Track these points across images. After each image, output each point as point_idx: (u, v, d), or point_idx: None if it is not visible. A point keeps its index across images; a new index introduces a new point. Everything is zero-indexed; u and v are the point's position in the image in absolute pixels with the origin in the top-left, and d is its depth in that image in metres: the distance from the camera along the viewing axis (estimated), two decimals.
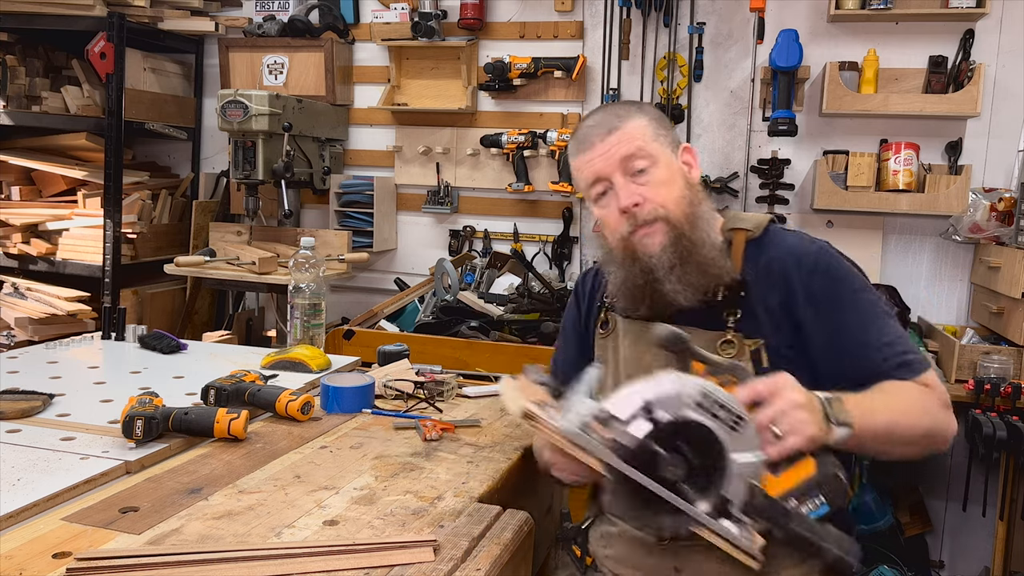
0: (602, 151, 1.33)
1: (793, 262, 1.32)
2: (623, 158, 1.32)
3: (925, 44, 2.93)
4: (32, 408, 1.48)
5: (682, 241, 1.30)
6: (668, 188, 1.32)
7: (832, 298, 1.30)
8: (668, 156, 1.35)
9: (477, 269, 3.19)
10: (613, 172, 1.33)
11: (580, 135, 1.38)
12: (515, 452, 1.45)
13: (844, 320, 1.29)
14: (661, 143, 1.35)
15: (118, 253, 3.24)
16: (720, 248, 1.34)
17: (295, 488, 1.22)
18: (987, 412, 2.42)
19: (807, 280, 1.30)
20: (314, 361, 1.85)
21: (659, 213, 1.31)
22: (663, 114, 1.42)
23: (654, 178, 1.32)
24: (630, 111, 1.37)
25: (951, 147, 2.92)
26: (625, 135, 1.33)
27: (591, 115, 1.41)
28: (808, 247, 1.34)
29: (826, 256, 1.33)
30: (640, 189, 1.31)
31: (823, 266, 1.31)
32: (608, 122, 1.35)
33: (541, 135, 3.25)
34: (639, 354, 1.37)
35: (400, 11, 3.40)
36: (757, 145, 3.13)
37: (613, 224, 1.35)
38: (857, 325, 1.29)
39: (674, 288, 1.29)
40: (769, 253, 1.35)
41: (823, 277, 1.31)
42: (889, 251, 3.06)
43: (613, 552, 1.36)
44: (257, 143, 3.03)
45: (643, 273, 1.31)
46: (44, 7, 3.25)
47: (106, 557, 0.96)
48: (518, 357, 2.55)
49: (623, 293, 1.37)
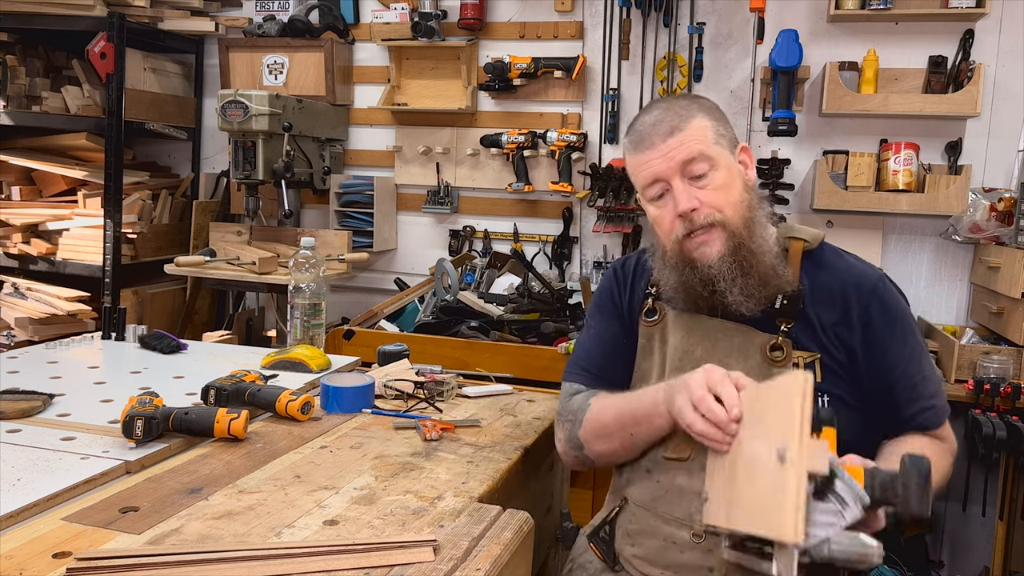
0: (662, 152, 1.30)
1: (853, 285, 1.33)
2: (683, 161, 1.29)
3: (925, 44, 2.93)
4: (32, 408, 1.48)
5: (741, 250, 1.29)
6: (727, 192, 1.30)
7: (884, 329, 1.31)
8: (728, 158, 1.33)
9: (477, 269, 3.19)
10: (673, 176, 1.30)
11: (639, 132, 1.35)
12: (515, 452, 1.45)
13: (889, 353, 1.31)
14: (722, 145, 1.32)
15: (118, 253, 3.24)
16: (779, 255, 1.33)
17: (295, 488, 1.23)
18: (987, 412, 2.42)
19: (865, 305, 1.31)
20: (314, 361, 1.85)
21: (716, 218, 1.29)
22: (721, 111, 1.39)
23: (713, 182, 1.30)
24: (691, 110, 1.33)
25: (951, 147, 2.92)
26: (687, 137, 1.30)
27: (650, 110, 1.37)
28: (869, 273, 1.35)
29: (883, 286, 1.34)
30: (698, 193, 1.29)
31: (880, 295, 1.32)
32: (669, 121, 1.31)
33: (541, 135, 3.25)
34: (690, 346, 1.36)
35: (400, 11, 3.40)
36: (757, 145, 3.13)
37: (667, 226, 1.33)
38: (898, 360, 1.31)
39: (736, 300, 1.29)
40: (828, 270, 1.35)
41: (879, 306, 1.32)
42: (889, 251, 3.06)
43: (642, 551, 1.33)
44: (257, 143, 3.03)
45: (703, 283, 1.30)
46: (44, 7, 3.25)
47: (106, 557, 0.97)
48: (518, 357, 2.55)
49: (679, 296, 1.35)
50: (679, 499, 1.29)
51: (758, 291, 1.29)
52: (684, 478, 1.29)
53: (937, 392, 1.33)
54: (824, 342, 1.31)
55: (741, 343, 1.33)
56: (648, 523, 1.33)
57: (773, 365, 1.30)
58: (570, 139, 3.21)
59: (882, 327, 1.31)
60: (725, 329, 1.35)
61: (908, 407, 1.31)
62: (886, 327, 1.31)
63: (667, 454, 1.31)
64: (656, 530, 1.31)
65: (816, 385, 1.23)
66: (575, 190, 3.26)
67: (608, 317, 1.49)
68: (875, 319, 1.31)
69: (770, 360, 1.30)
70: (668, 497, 1.31)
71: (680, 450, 1.30)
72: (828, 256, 1.38)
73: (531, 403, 1.78)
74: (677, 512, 1.29)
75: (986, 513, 2.74)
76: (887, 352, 1.31)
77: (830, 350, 1.31)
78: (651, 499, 1.33)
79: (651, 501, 1.33)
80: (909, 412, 1.31)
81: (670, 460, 1.31)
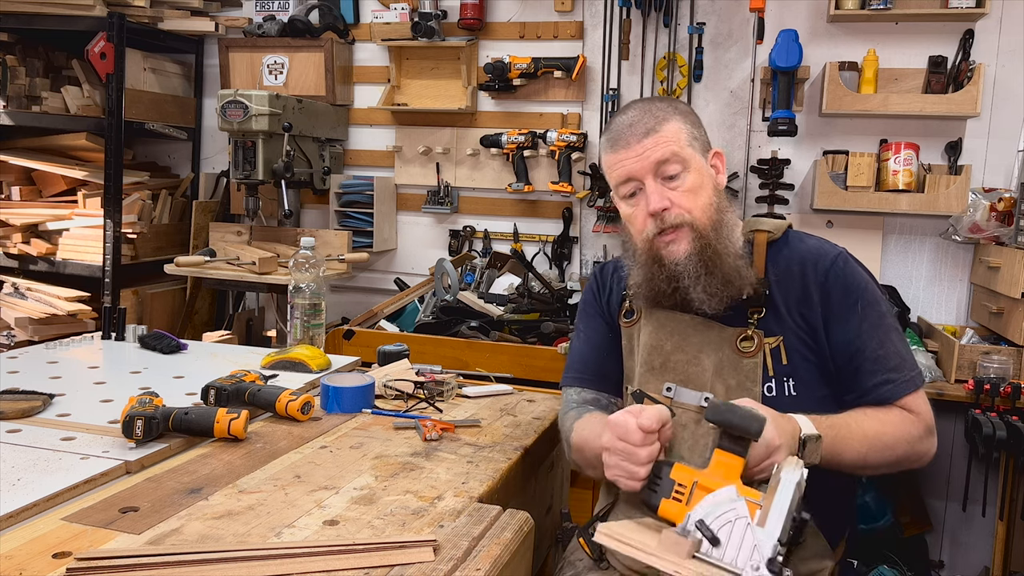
0: (637, 152, 1.34)
1: (811, 263, 1.37)
2: (657, 162, 1.33)
3: (925, 44, 2.93)
4: (32, 408, 1.48)
5: (707, 251, 1.33)
6: (697, 195, 1.34)
7: (843, 304, 1.35)
8: (700, 161, 1.37)
9: (477, 269, 3.19)
10: (646, 175, 1.34)
11: (615, 131, 1.38)
12: (515, 452, 1.45)
13: (849, 327, 1.34)
14: (694, 148, 1.36)
15: (118, 253, 3.24)
16: (743, 255, 1.37)
17: (295, 488, 1.23)
18: (987, 412, 2.41)
19: (822, 282, 1.35)
20: (314, 361, 1.85)
21: (685, 219, 1.33)
22: (697, 115, 1.44)
23: (685, 183, 1.34)
24: (667, 112, 1.37)
25: (951, 147, 2.92)
26: (661, 139, 1.34)
27: (627, 111, 1.41)
28: (828, 250, 1.39)
29: (842, 261, 1.37)
30: (670, 194, 1.34)
31: (838, 270, 1.36)
32: (645, 123, 1.35)
33: (541, 135, 3.25)
34: (659, 341, 1.41)
35: (400, 11, 3.40)
36: (757, 145, 3.13)
37: (639, 224, 1.37)
38: (858, 334, 1.34)
39: (699, 298, 1.33)
40: (790, 253, 1.40)
41: (837, 280, 1.35)
42: (889, 251, 3.06)
43: None
44: (257, 143, 3.03)
45: (669, 280, 1.35)
46: (44, 7, 3.25)
47: (106, 557, 0.97)
48: (518, 357, 2.55)
49: (644, 293, 1.40)
50: None
51: (721, 291, 1.33)
52: None
53: (901, 366, 1.33)
54: (789, 323, 1.35)
55: (713, 337, 1.37)
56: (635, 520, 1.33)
57: (743, 356, 1.34)
58: (570, 139, 3.21)
59: (841, 300, 1.34)
60: (695, 324, 1.39)
61: (868, 379, 1.33)
62: (845, 300, 1.34)
63: None
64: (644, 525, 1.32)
65: (782, 369, 1.33)
66: (575, 190, 3.26)
67: (594, 318, 1.56)
68: (832, 293, 1.35)
69: (739, 351, 1.35)
70: None
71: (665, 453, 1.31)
72: (791, 241, 1.42)
73: (531, 403, 1.78)
74: None
75: (986, 513, 2.74)
76: (847, 325, 1.34)
77: (796, 331, 1.35)
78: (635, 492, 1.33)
79: (635, 495, 1.33)
80: (869, 384, 1.33)
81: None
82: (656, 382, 1.39)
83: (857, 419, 1.29)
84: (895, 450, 1.29)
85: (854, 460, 1.27)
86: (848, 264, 1.37)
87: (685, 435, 1.34)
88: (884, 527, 2.76)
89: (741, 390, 1.33)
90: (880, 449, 1.28)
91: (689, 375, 1.38)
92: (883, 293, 1.40)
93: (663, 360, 1.40)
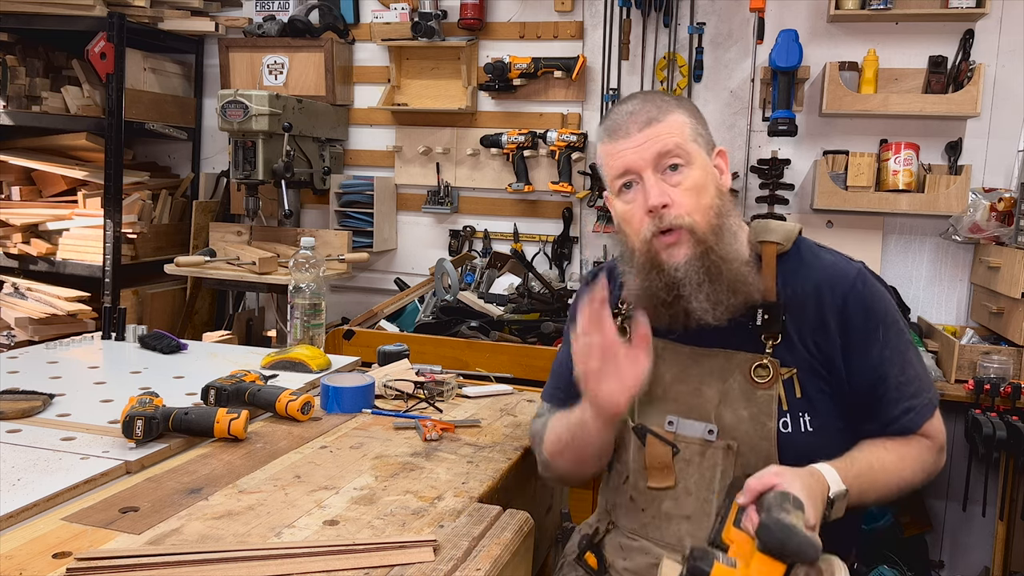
0: (637, 143, 1.24)
1: (827, 286, 1.27)
2: (658, 154, 1.23)
3: (925, 44, 2.93)
4: (32, 408, 1.48)
5: (710, 255, 1.23)
6: (699, 195, 1.24)
7: (864, 330, 1.25)
8: (704, 158, 1.27)
9: (477, 269, 3.19)
10: (645, 168, 1.23)
11: (614, 121, 1.28)
12: (515, 452, 1.45)
13: (870, 356, 1.25)
14: (699, 144, 1.27)
15: (118, 253, 3.24)
16: (749, 263, 1.27)
17: (295, 488, 1.23)
18: (987, 412, 2.42)
19: (840, 307, 1.26)
20: (314, 361, 1.85)
21: (684, 221, 1.22)
22: (701, 113, 1.34)
23: (687, 180, 1.24)
24: (671, 104, 1.27)
25: (951, 147, 2.92)
26: (664, 129, 1.24)
27: (628, 101, 1.30)
28: (846, 270, 1.29)
29: (861, 283, 1.27)
30: (670, 190, 1.23)
31: (859, 294, 1.26)
32: (647, 112, 1.25)
33: (541, 135, 3.25)
34: (659, 370, 1.30)
35: (400, 11, 3.40)
36: (757, 145, 3.13)
37: (637, 223, 1.25)
38: (880, 361, 1.25)
39: (702, 307, 1.22)
40: (804, 274, 1.29)
41: (857, 306, 1.26)
42: (889, 251, 3.06)
43: (632, 565, 1.32)
44: (257, 143, 3.03)
45: (668, 288, 1.24)
46: (44, 7, 3.25)
47: (106, 557, 0.97)
48: (518, 357, 2.55)
49: (642, 303, 1.28)
50: (667, 524, 1.29)
51: (726, 298, 1.23)
52: (671, 503, 1.28)
53: (920, 390, 1.26)
54: (803, 353, 1.25)
55: (718, 366, 1.28)
56: (639, 541, 1.33)
57: (758, 387, 1.24)
58: (570, 139, 3.21)
59: (861, 327, 1.25)
60: (694, 355, 1.30)
61: (890, 408, 1.25)
62: (866, 326, 1.25)
63: (651, 484, 1.29)
64: (646, 548, 1.31)
65: (797, 403, 1.24)
66: (575, 190, 3.26)
67: None
68: (852, 319, 1.25)
69: (753, 381, 1.25)
70: (656, 523, 1.30)
71: (663, 478, 1.28)
72: (804, 256, 1.31)
73: (531, 403, 1.78)
74: (668, 537, 1.29)
75: (986, 513, 2.74)
76: (868, 353, 1.25)
77: (809, 361, 1.25)
78: (640, 526, 1.32)
79: (640, 528, 1.32)
80: (891, 414, 1.25)
81: (654, 489, 1.29)
82: (657, 415, 1.30)
83: (879, 459, 1.21)
84: (912, 482, 1.25)
85: (874, 501, 1.22)
86: (867, 284, 1.27)
87: (691, 470, 1.27)
88: (884, 527, 2.76)
89: (754, 423, 1.24)
90: (898, 485, 1.23)
91: (692, 406, 1.28)
92: None
93: (663, 390, 1.30)
